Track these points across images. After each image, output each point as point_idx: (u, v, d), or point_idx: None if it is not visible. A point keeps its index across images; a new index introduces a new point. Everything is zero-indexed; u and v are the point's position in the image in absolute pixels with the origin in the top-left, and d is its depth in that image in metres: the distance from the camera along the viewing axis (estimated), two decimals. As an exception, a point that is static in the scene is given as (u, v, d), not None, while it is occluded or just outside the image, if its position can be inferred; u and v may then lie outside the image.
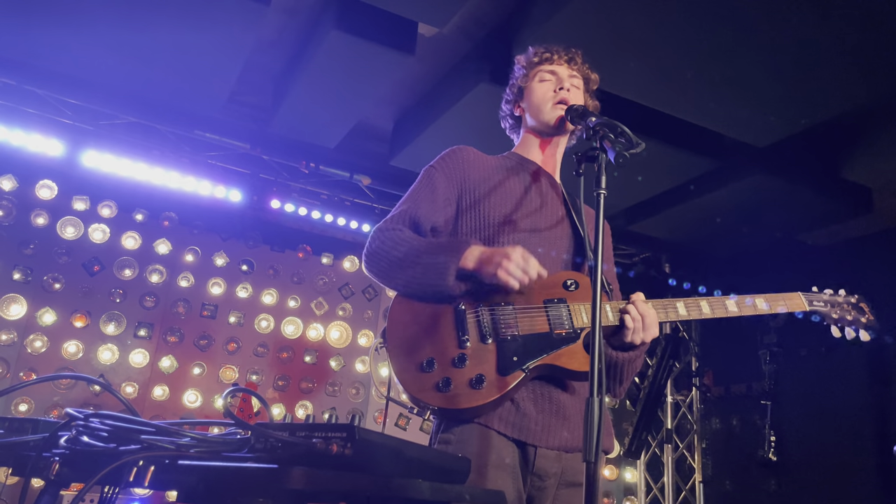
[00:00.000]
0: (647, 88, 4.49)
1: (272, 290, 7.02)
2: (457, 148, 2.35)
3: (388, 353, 2.04)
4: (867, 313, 2.44)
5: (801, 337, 6.46)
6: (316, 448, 1.18)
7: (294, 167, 6.19)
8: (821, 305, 2.41)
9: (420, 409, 1.97)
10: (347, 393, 7.12)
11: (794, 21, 3.75)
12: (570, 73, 2.36)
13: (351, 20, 4.25)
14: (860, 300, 2.46)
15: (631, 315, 2.06)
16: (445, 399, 1.92)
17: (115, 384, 6.18)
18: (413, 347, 2.01)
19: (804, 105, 4.48)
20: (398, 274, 2.08)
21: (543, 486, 2.03)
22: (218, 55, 4.61)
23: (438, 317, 2.05)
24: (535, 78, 2.37)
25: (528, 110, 2.39)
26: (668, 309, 2.14)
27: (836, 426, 6.12)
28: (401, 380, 1.98)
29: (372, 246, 2.15)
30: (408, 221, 2.18)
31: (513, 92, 2.45)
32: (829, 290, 2.46)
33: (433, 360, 1.97)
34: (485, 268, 2.01)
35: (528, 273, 1.97)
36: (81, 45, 4.64)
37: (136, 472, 1.21)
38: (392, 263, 2.09)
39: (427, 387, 1.94)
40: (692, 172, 5.57)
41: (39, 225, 6.19)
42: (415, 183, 2.29)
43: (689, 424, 7.48)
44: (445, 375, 1.94)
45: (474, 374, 1.94)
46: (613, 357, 2.14)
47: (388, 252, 2.10)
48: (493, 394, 1.92)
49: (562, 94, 2.30)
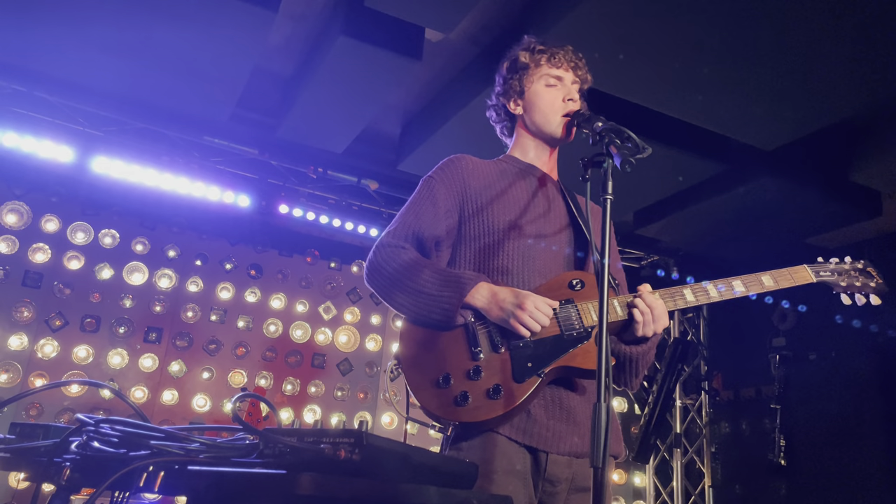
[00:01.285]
0: (653, 92, 4.49)
1: (280, 294, 7.04)
2: (454, 157, 2.34)
3: (403, 373, 2.05)
4: (875, 277, 2.41)
5: (811, 341, 6.43)
6: (324, 454, 1.18)
7: (302, 172, 6.21)
8: (828, 275, 2.38)
9: (442, 425, 1.97)
10: (355, 397, 7.13)
11: (802, 23, 3.74)
12: (573, 79, 2.35)
13: (358, 26, 4.26)
14: (867, 265, 2.43)
15: (639, 308, 2.05)
16: (465, 413, 1.92)
17: (125, 389, 6.21)
18: (427, 365, 2.01)
19: (812, 108, 4.47)
20: (401, 300, 2.09)
21: (555, 491, 2.03)
22: (226, 61, 4.63)
23: (449, 332, 2.06)
24: (540, 81, 2.33)
25: (531, 114, 2.35)
26: (676, 297, 2.13)
27: (846, 430, 6.08)
28: (419, 398, 1.98)
29: (374, 262, 2.15)
30: (410, 236, 2.18)
31: (511, 87, 2.38)
32: (835, 259, 2.43)
33: (449, 376, 1.97)
34: (494, 312, 2.01)
35: (540, 322, 1.97)
36: (91, 53, 4.67)
37: (146, 477, 1.22)
38: (395, 287, 2.09)
39: (446, 403, 1.94)
40: (700, 176, 5.55)
41: (50, 231, 6.24)
42: (414, 194, 2.28)
43: (698, 429, 7.45)
44: (463, 389, 1.94)
45: (491, 384, 1.94)
46: (626, 352, 2.14)
47: (392, 274, 2.10)
48: (511, 402, 1.92)
49: (570, 105, 2.29)
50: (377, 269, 2.14)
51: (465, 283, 2.04)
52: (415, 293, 2.05)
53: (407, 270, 2.09)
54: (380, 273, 2.13)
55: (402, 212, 2.25)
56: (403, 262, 2.11)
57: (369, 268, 2.17)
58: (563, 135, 2.30)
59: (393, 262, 2.11)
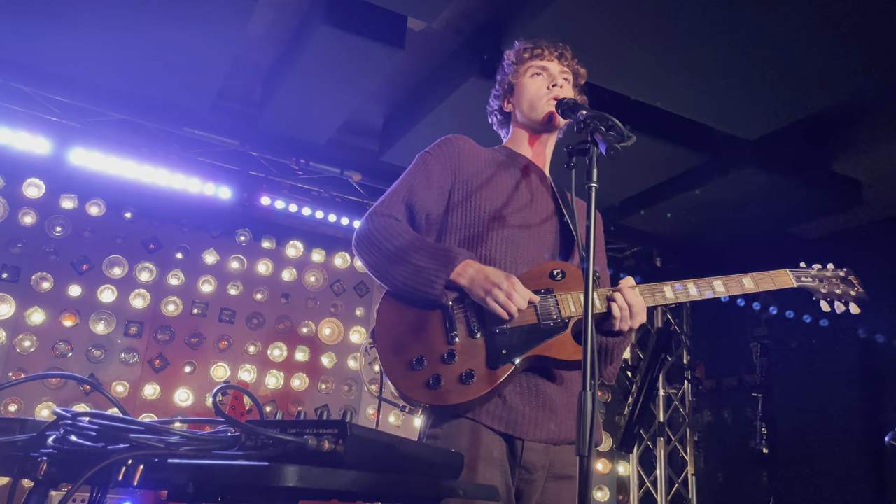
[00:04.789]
0: (636, 82, 4.49)
1: (263, 287, 6.99)
2: (453, 136, 2.33)
3: (377, 352, 2.03)
4: (856, 286, 2.41)
5: (792, 330, 6.49)
6: (307, 445, 1.17)
7: (284, 164, 6.16)
8: (808, 280, 2.38)
9: (412, 406, 1.96)
10: (340, 389, 7.11)
11: (784, 14, 3.76)
12: (560, 69, 2.36)
13: (340, 15, 4.22)
14: (849, 273, 2.43)
15: (618, 304, 2.04)
16: (435, 396, 1.92)
17: (106, 383, 6.15)
18: (402, 346, 2.01)
19: (794, 98, 4.49)
20: (388, 268, 2.06)
21: (532, 478, 2.03)
22: (206, 51, 4.58)
23: (426, 314, 2.04)
24: (526, 74, 2.36)
25: (520, 106, 2.38)
26: (656, 293, 2.14)
27: (827, 418, 6.15)
28: (391, 379, 1.97)
29: (364, 230, 2.13)
30: (402, 207, 2.17)
31: (503, 88, 2.43)
32: (818, 265, 2.43)
33: (422, 358, 1.96)
34: (476, 290, 2.00)
35: (514, 304, 1.95)
36: (68, 41, 4.59)
37: (126, 471, 1.19)
38: (383, 256, 2.07)
39: (417, 385, 1.93)
40: (683, 166, 5.58)
41: (27, 224, 6.15)
42: (409, 167, 2.27)
43: (681, 418, 7.50)
44: (435, 372, 1.94)
45: (464, 369, 1.94)
46: (602, 342, 2.14)
47: (381, 243, 2.08)
48: (483, 388, 1.92)
49: (555, 90, 2.30)
50: (366, 237, 2.12)
51: (453, 257, 2.03)
52: (403, 263, 2.04)
53: (396, 240, 2.08)
54: (369, 241, 2.11)
55: (396, 183, 2.25)
56: (394, 232, 2.10)
57: (359, 235, 2.15)
58: (547, 118, 2.30)
59: (384, 231, 2.10)
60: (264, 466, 1.09)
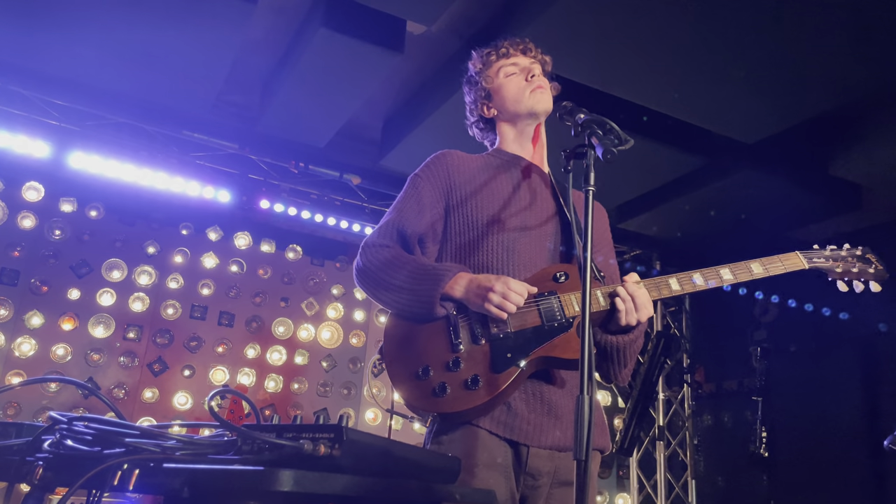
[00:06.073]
0: (635, 85, 4.49)
1: (262, 290, 6.99)
2: (440, 153, 2.34)
3: (386, 367, 2.06)
4: (875, 263, 2.32)
5: (792, 334, 6.48)
6: (303, 449, 1.16)
7: (283, 167, 6.16)
8: (822, 261, 2.31)
9: (421, 416, 1.98)
10: (339, 393, 7.10)
11: (783, 17, 3.76)
12: (529, 60, 2.38)
13: (339, 18, 4.22)
14: (866, 252, 2.35)
15: (621, 297, 2.04)
16: (442, 403, 1.92)
17: (105, 387, 6.14)
18: (409, 358, 2.02)
19: (793, 101, 4.49)
20: (386, 297, 2.11)
21: (537, 485, 2.02)
22: (205, 55, 4.58)
23: (431, 326, 2.06)
24: (499, 75, 2.37)
25: (503, 106, 2.37)
26: (661, 286, 2.12)
27: (827, 421, 6.14)
28: (399, 391, 2.00)
29: (360, 263, 2.18)
30: (394, 234, 2.19)
31: (479, 96, 2.42)
32: (832, 246, 2.36)
33: (428, 367, 1.97)
34: (472, 299, 2.02)
35: (511, 302, 1.96)
36: (68, 45, 4.59)
37: (121, 475, 1.19)
38: (379, 287, 2.11)
39: (425, 394, 1.95)
40: (682, 169, 5.57)
41: (26, 227, 6.15)
42: (401, 192, 2.30)
43: (680, 421, 7.49)
44: (441, 381, 1.94)
45: (469, 375, 1.94)
46: (612, 342, 2.12)
47: (375, 274, 2.12)
48: (489, 393, 1.92)
49: (535, 80, 2.32)
50: (362, 270, 2.16)
51: (441, 275, 2.05)
52: (395, 290, 2.07)
53: (387, 268, 2.11)
54: (365, 273, 2.15)
55: (389, 210, 2.28)
56: (384, 260, 2.13)
57: (357, 269, 2.19)
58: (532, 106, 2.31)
59: (375, 262, 2.13)
60: (260, 471, 1.09)
